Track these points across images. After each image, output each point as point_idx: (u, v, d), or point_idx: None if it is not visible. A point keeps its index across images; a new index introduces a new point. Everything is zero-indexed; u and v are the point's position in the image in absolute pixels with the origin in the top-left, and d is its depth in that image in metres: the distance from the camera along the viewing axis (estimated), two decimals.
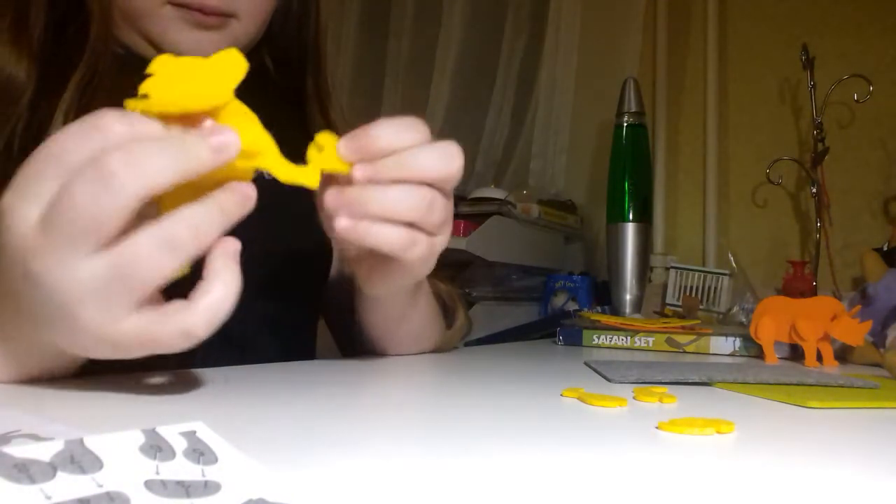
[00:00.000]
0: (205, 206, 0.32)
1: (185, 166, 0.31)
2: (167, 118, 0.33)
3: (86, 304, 0.31)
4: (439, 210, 0.43)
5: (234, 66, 0.34)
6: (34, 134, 0.51)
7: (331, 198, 0.41)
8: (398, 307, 0.57)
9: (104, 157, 0.30)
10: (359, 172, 0.40)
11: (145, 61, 0.60)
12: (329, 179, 0.41)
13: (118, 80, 0.54)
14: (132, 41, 0.57)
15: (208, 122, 0.33)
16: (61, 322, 0.33)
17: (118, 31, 0.57)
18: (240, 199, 0.33)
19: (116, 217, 0.30)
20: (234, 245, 0.34)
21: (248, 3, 0.57)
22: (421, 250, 0.43)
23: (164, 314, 0.32)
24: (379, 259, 0.47)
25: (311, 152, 0.40)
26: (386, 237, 0.41)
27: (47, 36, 0.54)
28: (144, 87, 0.32)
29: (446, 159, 0.42)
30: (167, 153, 0.31)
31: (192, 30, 0.56)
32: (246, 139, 0.33)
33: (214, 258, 0.33)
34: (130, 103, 0.33)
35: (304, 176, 0.37)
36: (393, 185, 0.41)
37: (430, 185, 0.42)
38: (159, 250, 0.31)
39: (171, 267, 0.32)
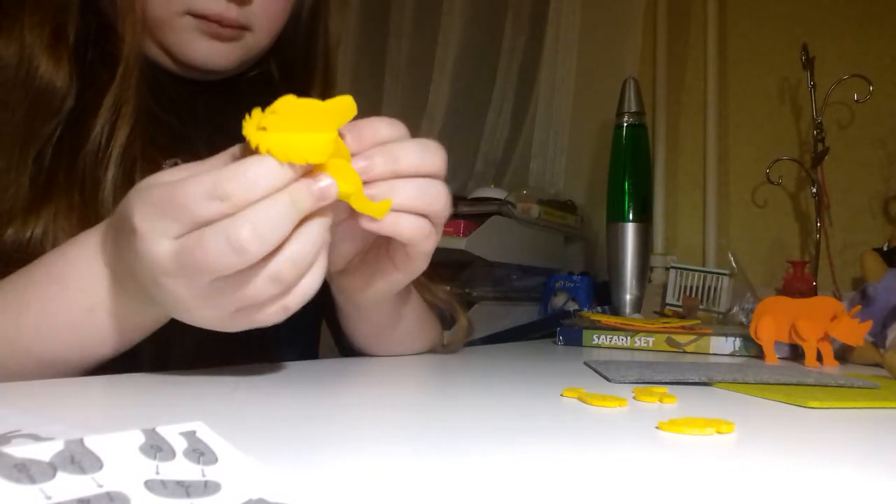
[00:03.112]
0: (301, 240, 0.37)
1: (295, 218, 0.36)
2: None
3: (203, 310, 0.39)
4: (447, 202, 0.45)
5: (344, 110, 0.38)
6: (69, 147, 0.52)
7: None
8: (382, 316, 0.57)
9: (237, 229, 0.34)
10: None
11: (159, 69, 0.60)
12: None
13: (143, 90, 0.54)
14: (147, 49, 0.57)
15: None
16: (179, 313, 0.40)
17: None
18: (326, 230, 0.38)
19: (238, 269, 0.36)
20: (325, 236, 0.39)
21: (264, 17, 0.58)
22: (433, 242, 0.45)
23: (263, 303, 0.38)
24: (370, 264, 0.49)
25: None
26: (408, 226, 0.43)
27: (78, 51, 0.54)
28: (265, 121, 0.36)
29: (432, 154, 0.44)
30: (282, 215, 0.36)
31: (208, 40, 0.56)
32: (343, 184, 0.38)
33: None
34: (249, 131, 0.36)
35: (374, 210, 0.41)
36: (409, 179, 0.42)
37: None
38: (270, 284, 0.37)
39: (278, 292, 0.38)
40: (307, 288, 0.39)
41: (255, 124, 0.36)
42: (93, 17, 0.55)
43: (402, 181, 0.42)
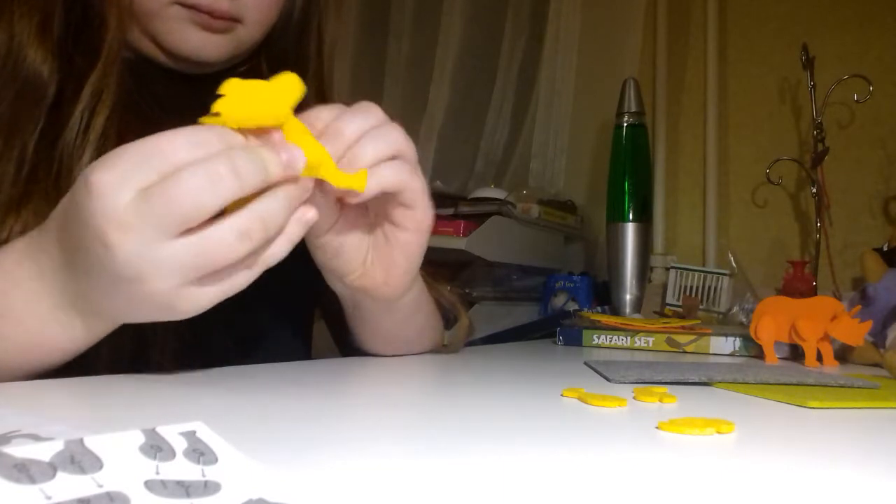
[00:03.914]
0: (273, 199, 0.37)
1: (265, 178, 0.37)
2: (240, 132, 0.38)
3: (156, 280, 0.36)
4: (405, 137, 0.46)
5: (292, 87, 0.39)
6: (50, 136, 0.51)
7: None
8: (402, 313, 0.57)
9: (214, 162, 0.35)
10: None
11: (149, 63, 0.60)
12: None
13: (125, 82, 0.54)
14: (137, 41, 0.57)
15: (277, 137, 0.39)
16: (125, 289, 0.37)
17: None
18: (303, 191, 0.39)
19: (210, 212, 0.35)
20: (310, 213, 0.40)
21: (255, 10, 0.58)
22: (419, 181, 0.46)
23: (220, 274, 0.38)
24: (382, 247, 0.49)
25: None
26: (387, 173, 0.44)
27: (60, 42, 0.54)
28: (217, 107, 0.37)
29: (370, 113, 0.45)
30: (257, 166, 0.36)
31: (199, 31, 0.56)
32: (309, 154, 0.39)
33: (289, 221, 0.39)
34: (205, 121, 0.37)
35: (353, 181, 0.42)
36: (361, 139, 0.43)
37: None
38: (237, 240, 0.36)
39: (245, 252, 0.37)
40: (271, 257, 0.39)
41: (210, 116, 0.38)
42: (77, 8, 0.55)
43: (356, 146, 0.43)
